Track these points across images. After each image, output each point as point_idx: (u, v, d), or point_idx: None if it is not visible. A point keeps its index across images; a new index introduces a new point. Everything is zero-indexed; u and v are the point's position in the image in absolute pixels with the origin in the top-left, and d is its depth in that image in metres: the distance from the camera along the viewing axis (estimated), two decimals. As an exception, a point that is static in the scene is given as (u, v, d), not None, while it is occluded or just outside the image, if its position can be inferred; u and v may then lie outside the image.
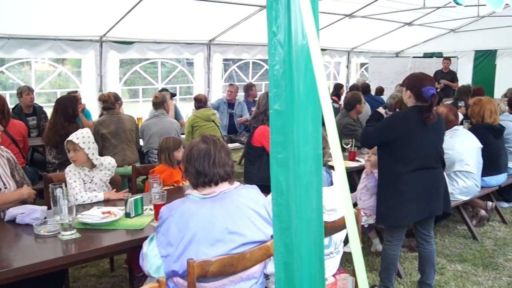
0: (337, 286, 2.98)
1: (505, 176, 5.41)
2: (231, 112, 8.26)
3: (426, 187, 3.43)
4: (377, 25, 10.23)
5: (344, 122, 5.65)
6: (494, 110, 5.28)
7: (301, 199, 1.73)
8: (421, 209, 3.45)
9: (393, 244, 3.58)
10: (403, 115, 3.54)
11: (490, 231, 5.19)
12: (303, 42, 1.63)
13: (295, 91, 1.64)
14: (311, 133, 1.71)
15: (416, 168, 3.39)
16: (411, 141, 3.37)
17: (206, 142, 2.38)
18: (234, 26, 8.84)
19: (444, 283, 3.93)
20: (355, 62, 12.83)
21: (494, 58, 11.62)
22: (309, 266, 1.80)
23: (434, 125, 3.45)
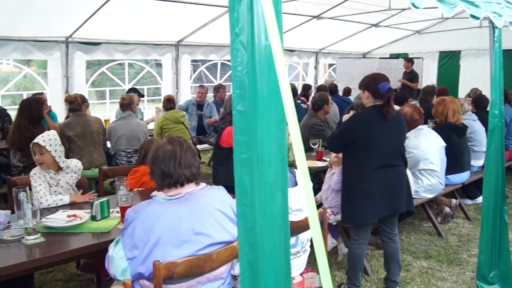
0: (304, 284, 3.01)
1: (468, 174, 5.55)
2: (200, 113, 8.26)
3: (388, 185, 3.50)
4: (345, 26, 10.36)
5: (312, 122, 5.70)
6: (457, 110, 5.42)
7: (266, 199, 1.74)
8: (384, 207, 3.51)
9: (359, 243, 3.64)
10: (362, 115, 3.60)
11: (455, 227, 5.32)
12: (266, 43, 1.65)
13: (258, 92, 1.65)
14: (275, 134, 1.73)
15: (378, 167, 3.45)
16: (373, 140, 3.44)
17: (172, 143, 2.38)
18: (202, 27, 8.82)
19: (410, 280, 4.01)
20: (323, 63, 12.95)
21: (458, 59, 11.89)
22: (274, 265, 1.82)
23: (395, 123, 3.55)
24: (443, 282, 3.97)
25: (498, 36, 3.41)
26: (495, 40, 3.41)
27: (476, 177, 5.62)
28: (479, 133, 5.79)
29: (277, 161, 1.74)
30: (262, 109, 1.65)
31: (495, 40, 3.41)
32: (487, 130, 3.46)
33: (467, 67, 11.52)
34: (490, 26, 3.42)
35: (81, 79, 8.32)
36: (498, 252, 3.45)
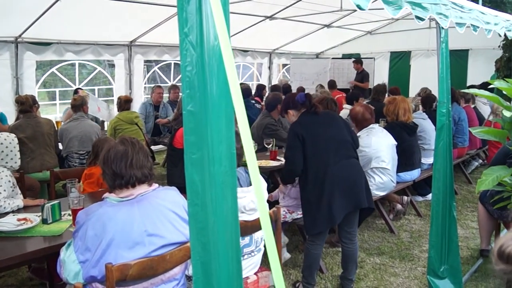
0: (259, 283, 3.02)
1: (418, 172, 5.70)
2: (156, 114, 8.17)
3: (346, 180, 3.56)
4: (298, 27, 10.47)
5: (266, 122, 5.72)
6: (407, 109, 5.55)
7: (217, 199, 1.74)
8: (345, 203, 3.54)
9: (316, 244, 3.67)
10: (297, 122, 3.71)
11: (406, 224, 5.45)
12: (215, 43, 1.64)
13: (208, 92, 1.64)
14: (225, 133, 1.72)
15: (334, 161, 3.53)
16: (320, 140, 3.53)
17: (124, 144, 2.35)
18: (155, 27, 8.72)
19: (363, 276, 4.08)
20: (277, 63, 13.04)
21: (408, 59, 12.21)
22: (226, 264, 1.82)
23: (329, 117, 3.77)
24: (395, 278, 4.06)
25: (444, 37, 3.52)
26: (442, 40, 3.51)
27: (426, 174, 5.77)
28: (428, 131, 5.95)
29: (227, 161, 1.74)
30: (212, 109, 1.65)
31: (442, 41, 3.51)
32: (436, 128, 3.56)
33: (417, 67, 11.85)
34: (436, 27, 3.51)
35: (31, 80, 8.09)
36: (447, 247, 3.55)
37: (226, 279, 1.81)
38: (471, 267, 4.25)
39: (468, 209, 5.93)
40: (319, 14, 9.36)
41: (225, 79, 1.65)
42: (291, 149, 3.65)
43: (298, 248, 4.56)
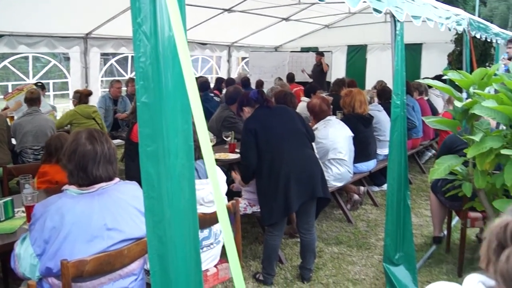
0: (218, 275, 3.03)
1: (374, 162, 5.83)
2: (115, 108, 8.03)
3: (302, 168, 3.61)
4: (256, 20, 10.47)
5: (225, 115, 5.72)
6: (363, 101, 5.65)
7: (173, 191, 1.73)
8: (301, 192, 3.60)
9: (275, 235, 3.71)
10: (249, 119, 3.77)
11: (363, 214, 5.57)
12: (170, 34, 1.63)
13: (162, 83, 1.63)
14: (181, 126, 1.71)
15: (287, 151, 3.59)
16: (273, 132, 3.59)
17: (92, 141, 2.28)
18: (112, 19, 8.54)
19: (322, 265, 4.14)
20: (236, 56, 13.02)
21: (364, 52, 12.42)
22: (184, 257, 1.81)
23: (281, 110, 3.87)
24: (353, 266, 4.15)
25: (400, 30, 3.59)
26: (397, 33, 3.59)
27: (382, 165, 5.89)
28: (384, 123, 6.07)
29: (183, 153, 1.73)
30: (167, 100, 1.63)
31: (397, 34, 3.59)
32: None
33: (373, 60, 12.08)
34: (392, 20, 3.59)
35: (-19, 74, 7.83)
36: (402, 235, 3.64)
37: (184, 272, 1.81)
38: (425, 254, 4.38)
39: (422, 198, 6.11)
40: (277, 7, 9.39)
41: (181, 71, 1.64)
42: (245, 145, 3.69)
43: (258, 240, 4.59)
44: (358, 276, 3.96)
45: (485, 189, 3.26)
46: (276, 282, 3.82)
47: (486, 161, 3.04)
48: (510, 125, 2.98)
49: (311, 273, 3.88)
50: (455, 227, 4.76)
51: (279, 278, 3.89)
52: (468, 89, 3.20)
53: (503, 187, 3.11)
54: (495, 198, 3.22)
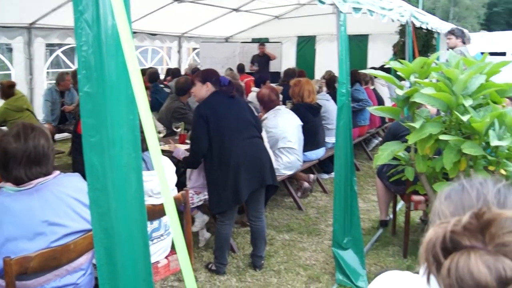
0: (170, 267, 3.03)
1: (323, 150, 5.94)
2: (62, 101, 7.82)
3: (252, 156, 3.67)
4: (207, 10, 10.39)
5: (174, 106, 5.69)
6: (312, 90, 5.75)
7: (119, 183, 1.72)
8: (251, 180, 3.64)
9: (225, 224, 3.75)
10: (202, 105, 3.73)
11: (313, 201, 5.68)
12: (113, 22, 1.61)
13: (106, 72, 1.61)
14: (126, 116, 1.70)
15: (238, 140, 3.61)
16: (224, 120, 3.60)
17: (18, 138, 2.20)
18: (57, 8, 8.26)
19: (274, 252, 4.21)
20: (186, 47, 12.91)
21: (314, 43, 12.57)
22: (132, 250, 1.80)
23: (236, 100, 3.84)
24: (304, 252, 4.24)
25: (343, 21, 3.68)
26: (341, 24, 3.67)
27: (330, 153, 5.99)
28: (332, 112, 6.17)
29: (129, 143, 1.72)
30: (111, 90, 1.62)
31: (341, 24, 3.67)
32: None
33: (322, 51, 12.24)
34: (336, 11, 3.67)
35: None
36: (350, 220, 3.75)
37: (132, 264, 1.79)
38: (372, 237, 4.54)
39: (369, 184, 6.30)
40: (227, -3, 9.36)
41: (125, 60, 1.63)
42: (196, 130, 3.69)
43: (209, 230, 4.61)
44: (309, 262, 4.05)
45: (426, 173, 3.40)
46: (229, 271, 3.86)
47: (426, 146, 3.17)
48: (448, 111, 3.11)
49: (263, 260, 3.94)
50: (400, 211, 4.94)
51: (232, 267, 3.94)
52: (409, 78, 3.32)
53: (443, 171, 3.25)
54: (435, 181, 3.37)
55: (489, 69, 3.07)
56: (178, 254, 1.55)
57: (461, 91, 2.95)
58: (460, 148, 2.91)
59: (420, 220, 4.88)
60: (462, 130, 3.10)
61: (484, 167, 3.09)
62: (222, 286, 3.64)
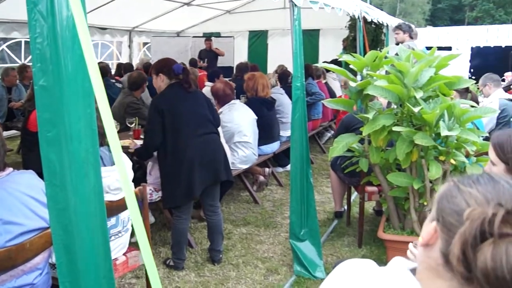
0: (128, 264, 2.99)
1: (278, 144, 6.00)
2: (9, 97, 7.53)
3: (206, 153, 3.65)
4: (157, 4, 10.25)
5: (128, 101, 5.59)
6: (266, 84, 5.79)
7: (77, 178, 1.68)
8: (205, 176, 3.64)
9: (182, 219, 3.72)
10: (158, 98, 3.70)
11: (269, 194, 5.73)
12: (68, 14, 1.58)
13: (62, 65, 1.57)
14: (83, 110, 1.67)
15: (193, 136, 3.59)
16: (180, 115, 3.56)
17: None
18: (2, 1, 7.96)
19: (231, 246, 4.22)
20: (137, 42, 12.69)
21: (266, 37, 12.63)
22: (92, 246, 1.77)
23: (195, 94, 3.77)
24: (261, 245, 4.27)
25: (297, 15, 3.72)
26: (295, 18, 3.71)
27: (285, 146, 6.09)
28: (286, 105, 6.25)
29: (87, 138, 1.69)
30: (68, 83, 1.58)
31: (295, 18, 3.71)
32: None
33: (274, 45, 12.32)
34: (290, 6, 3.70)
35: None
36: (306, 212, 3.81)
37: (92, 261, 1.77)
38: (327, 228, 4.62)
39: (323, 176, 6.40)
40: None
41: (81, 53, 1.60)
42: (150, 123, 3.65)
43: (166, 226, 4.58)
44: (267, 254, 4.08)
45: (379, 164, 3.50)
46: (187, 266, 3.84)
47: (380, 137, 3.26)
48: (400, 103, 3.21)
49: (221, 254, 3.94)
50: (354, 202, 5.06)
51: (190, 262, 3.92)
52: (361, 71, 3.39)
53: (396, 161, 3.36)
54: (389, 172, 3.47)
55: (438, 63, 3.18)
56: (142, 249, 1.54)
57: (412, 83, 3.05)
58: (412, 139, 3.01)
59: (374, 211, 5.01)
60: (414, 121, 3.20)
61: (435, 157, 3.21)
62: (181, 282, 3.62)
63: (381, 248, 4.01)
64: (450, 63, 3.29)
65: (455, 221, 0.92)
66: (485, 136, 3.25)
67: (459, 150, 3.19)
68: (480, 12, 44.85)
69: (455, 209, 0.93)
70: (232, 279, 3.65)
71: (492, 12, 43.82)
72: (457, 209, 0.93)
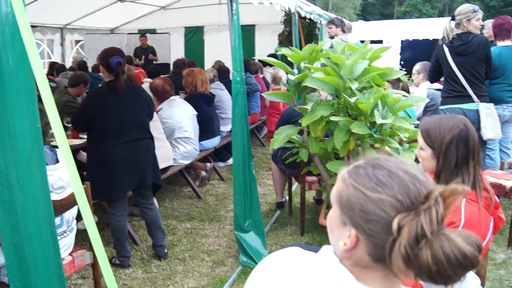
0: (75, 263, 2.96)
1: (218, 139, 6.06)
2: None
3: (132, 160, 3.64)
4: (90, 0, 10.00)
5: (64, 100, 5.45)
6: (205, 80, 5.82)
7: (24, 177, 1.68)
8: (130, 180, 3.66)
9: (118, 216, 3.70)
10: (94, 92, 3.71)
11: (212, 189, 5.77)
12: (7, 10, 1.56)
13: (3, 62, 1.56)
14: (26, 107, 1.66)
15: (119, 142, 3.56)
16: (108, 115, 3.52)
17: None
18: None
19: (177, 241, 4.24)
20: (69, 39, 12.32)
21: (202, 33, 12.60)
22: (41, 244, 1.77)
23: (131, 97, 3.70)
24: (206, 239, 4.31)
25: (236, 10, 3.77)
26: (234, 13, 3.76)
27: (225, 141, 6.16)
28: (225, 101, 6.32)
29: (30, 136, 1.68)
30: (10, 80, 1.57)
31: (234, 13, 3.76)
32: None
33: (210, 41, 12.32)
34: (228, 1, 3.75)
35: None
36: (250, 203, 3.88)
37: (42, 259, 1.76)
38: (270, 219, 4.73)
39: (264, 169, 6.52)
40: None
41: (23, 49, 1.59)
42: (77, 118, 3.69)
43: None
44: (213, 247, 4.13)
45: (318, 154, 3.63)
46: (134, 263, 3.83)
47: (318, 128, 3.39)
48: (336, 94, 3.34)
49: (166, 249, 3.95)
50: (295, 192, 5.19)
51: (136, 259, 3.91)
52: (299, 64, 3.50)
53: (334, 151, 3.49)
54: (328, 161, 3.60)
55: (371, 55, 3.34)
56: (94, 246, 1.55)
57: (348, 75, 3.19)
58: (349, 128, 3.14)
59: (314, 200, 5.17)
60: (350, 111, 3.34)
61: (370, 145, 3.37)
62: (128, 279, 3.60)
63: (323, 234, 4.15)
64: (382, 55, 3.46)
65: (381, 230, 0.97)
66: (416, 124, 3.44)
67: (393, 137, 3.36)
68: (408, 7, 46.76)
69: (376, 219, 0.97)
70: (179, 273, 3.68)
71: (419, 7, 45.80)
72: (378, 219, 0.97)
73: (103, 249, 1.40)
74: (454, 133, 1.96)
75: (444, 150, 1.97)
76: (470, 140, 1.96)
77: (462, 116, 2.08)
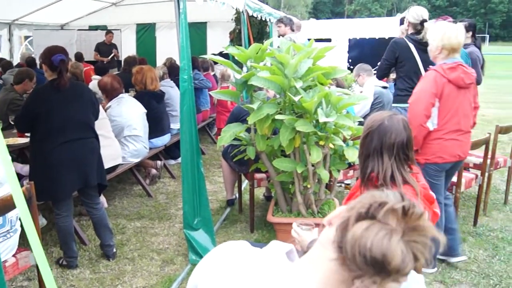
0: (18, 265, 2.91)
1: (169, 137, 6.05)
2: None
3: (76, 159, 3.59)
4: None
5: (10, 97, 5.32)
6: (154, 77, 5.79)
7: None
8: (74, 181, 3.61)
9: (63, 216, 3.65)
10: (38, 90, 3.66)
11: (162, 187, 5.76)
12: None
13: None
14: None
15: (62, 141, 3.51)
16: (51, 115, 3.48)
17: None
18: None
19: (126, 241, 4.22)
20: (18, 35, 11.94)
21: (154, 30, 12.48)
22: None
23: (74, 96, 3.65)
24: (156, 237, 4.31)
25: (183, 8, 3.78)
26: (181, 11, 3.77)
27: (175, 138, 6.13)
28: (175, 98, 6.29)
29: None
30: None
31: (181, 12, 3.77)
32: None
33: (162, 38, 12.22)
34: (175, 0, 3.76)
35: None
36: (199, 201, 3.91)
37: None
38: (220, 216, 4.77)
39: (215, 167, 6.56)
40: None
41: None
42: (22, 116, 3.60)
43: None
44: (162, 246, 4.14)
45: (266, 151, 3.69)
46: (81, 264, 3.79)
47: (265, 126, 3.45)
48: (282, 93, 3.41)
49: (114, 249, 3.93)
50: (245, 190, 5.26)
51: (84, 259, 3.86)
52: (245, 63, 3.55)
53: (280, 148, 3.57)
54: (274, 158, 3.67)
55: (315, 54, 3.42)
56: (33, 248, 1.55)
57: (293, 74, 3.26)
58: (294, 126, 3.22)
59: (264, 197, 5.24)
60: (295, 109, 3.42)
61: (315, 142, 3.46)
62: (76, 280, 3.57)
63: (272, 231, 4.22)
64: (329, 54, 3.55)
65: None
66: (360, 121, 3.55)
67: (337, 135, 3.46)
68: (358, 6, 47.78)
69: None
70: (128, 273, 3.67)
71: (368, 6, 46.86)
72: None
73: (42, 251, 1.40)
74: (374, 126, 2.12)
75: (362, 140, 2.17)
76: (388, 136, 2.09)
77: (399, 115, 2.17)
